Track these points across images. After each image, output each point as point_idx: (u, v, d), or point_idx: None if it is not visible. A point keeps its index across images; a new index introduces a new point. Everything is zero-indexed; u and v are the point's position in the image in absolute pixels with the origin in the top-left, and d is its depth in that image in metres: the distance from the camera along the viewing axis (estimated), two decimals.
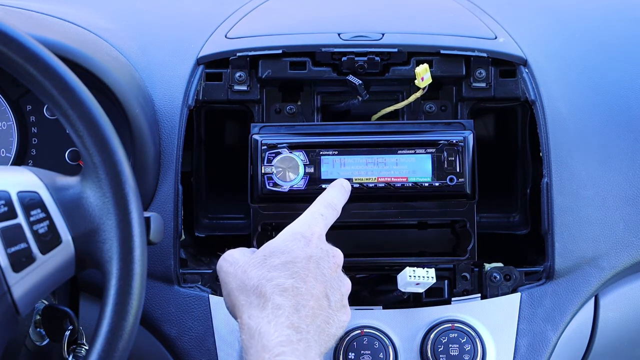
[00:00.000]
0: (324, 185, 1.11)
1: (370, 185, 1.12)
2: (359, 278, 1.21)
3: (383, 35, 1.20)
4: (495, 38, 1.23)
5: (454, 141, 1.12)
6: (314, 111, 1.23)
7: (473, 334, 1.12)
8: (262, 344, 0.88)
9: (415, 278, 1.09)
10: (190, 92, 1.17)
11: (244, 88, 1.19)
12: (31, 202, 0.81)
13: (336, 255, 1.00)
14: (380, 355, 1.11)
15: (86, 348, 1.06)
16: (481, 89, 1.19)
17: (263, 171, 1.11)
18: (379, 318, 1.13)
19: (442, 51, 1.17)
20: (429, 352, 1.11)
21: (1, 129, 1.17)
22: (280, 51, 1.17)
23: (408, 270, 1.09)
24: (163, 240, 1.07)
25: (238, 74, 1.18)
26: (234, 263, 0.98)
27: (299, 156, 1.12)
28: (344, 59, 1.17)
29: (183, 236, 1.17)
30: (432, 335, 1.11)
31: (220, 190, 1.28)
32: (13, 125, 1.17)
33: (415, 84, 1.15)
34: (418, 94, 1.17)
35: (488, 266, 1.17)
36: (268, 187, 1.11)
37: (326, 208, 1.03)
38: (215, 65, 1.19)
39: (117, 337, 0.79)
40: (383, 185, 1.12)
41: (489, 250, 1.20)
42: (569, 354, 1.17)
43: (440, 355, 1.11)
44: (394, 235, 1.19)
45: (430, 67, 1.16)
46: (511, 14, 1.33)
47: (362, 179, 1.12)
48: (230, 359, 1.11)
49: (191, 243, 1.23)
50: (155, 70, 1.19)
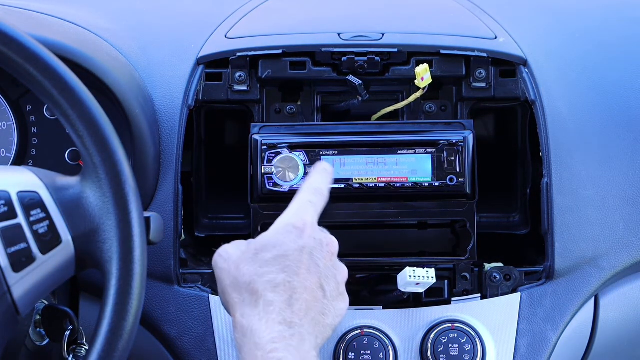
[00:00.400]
0: None
1: (370, 185, 1.12)
2: (359, 278, 1.22)
3: (383, 35, 1.20)
4: (495, 38, 1.23)
5: (454, 141, 1.12)
6: (314, 111, 1.23)
7: (473, 334, 1.12)
8: (255, 342, 0.88)
9: (415, 278, 1.09)
10: (190, 92, 1.17)
11: (244, 88, 1.19)
12: (31, 202, 0.81)
13: (330, 244, 0.99)
14: (380, 355, 1.11)
15: (86, 348, 1.06)
16: (481, 89, 1.19)
17: (263, 171, 1.11)
18: (379, 318, 1.13)
19: (442, 51, 1.17)
20: (429, 352, 1.11)
21: (1, 129, 1.17)
22: (280, 51, 1.17)
23: (408, 270, 1.09)
24: (163, 240, 1.07)
25: (238, 74, 1.18)
26: (228, 259, 0.97)
27: (299, 156, 1.12)
28: (344, 59, 1.17)
29: (183, 236, 1.17)
30: (432, 335, 1.11)
31: (220, 190, 1.28)
32: (13, 125, 1.17)
33: (415, 84, 1.15)
34: (418, 94, 1.17)
35: (488, 266, 1.17)
36: (268, 187, 1.11)
37: (314, 194, 1.01)
38: (215, 65, 1.19)
39: (117, 337, 0.79)
40: (383, 185, 1.12)
41: (489, 250, 1.20)
42: (569, 354, 1.17)
43: (440, 355, 1.11)
44: (394, 235, 1.19)
45: (430, 67, 1.16)
46: (511, 14, 1.33)
47: (362, 179, 1.12)
48: (230, 359, 1.11)
49: (191, 243, 1.23)
50: (155, 70, 1.19)
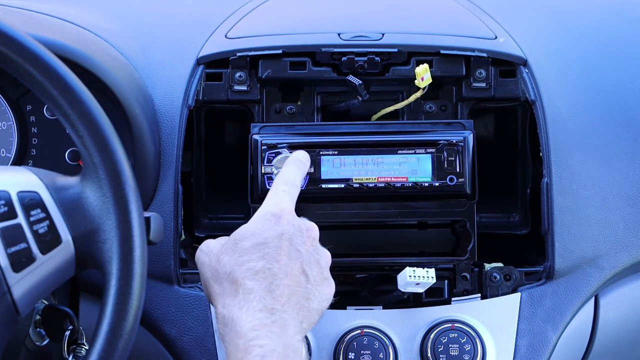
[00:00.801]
0: (324, 185, 1.11)
1: (370, 185, 1.12)
2: (359, 278, 1.22)
3: (383, 35, 1.20)
4: (495, 38, 1.23)
5: (454, 141, 1.12)
6: (314, 111, 1.23)
7: (473, 334, 1.12)
8: (236, 331, 0.88)
9: (415, 278, 1.09)
10: (190, 92, 1.17)
11: (244, 88, 1.19)
12: (31, 202, 0.81)
13: (310, 229, 0.99)
14: (380, 355, 1.11)
15: (86, 348, 1.06)
16: (481, 89, 1.19)
17: (263, 171, 1.12)
18: (379, 318, 1.13)
19: (442, 51, 1.17)
20: (429, 352, 1.11)
21: (1, 129, 1.17)
22: (280, 51, 1.17)
23: (408, 270, 1.09)
24: (163, 240, 1.07)
25: (238, 74, 1.18)
26: (209, 252, 0.97)
27: None
28: (344, 59, 1.17)
29: (183, 236, 1.17)
30: (432, 335, 1.11)
31: (220, 190, 1.28)
32: (13, 125, 1.17)
33: (415, 84, 1.15)
34: (418, 94, 1.17)
35: (488, 266, 1.17)
36: (268, 187, 1.11)
37: (285, 185, 1.03)
38: (215, 65, 1.19)
39: (117, 337, 0.79)
40: (383, 185, 1.12)
41: (489, 250, 1.20)
42: (569, 354, 1.17)
43: (440, 355, 1.11)
44: (394, 235, 1.19)
45: (430, 67, 1.16)
46: (511, 14, 1.33)
47: (362, 179, 1.12)
48: None
49: (191, 243, 1.23)
50: (155, 70, 1.19)
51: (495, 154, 1.27)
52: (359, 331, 1.12)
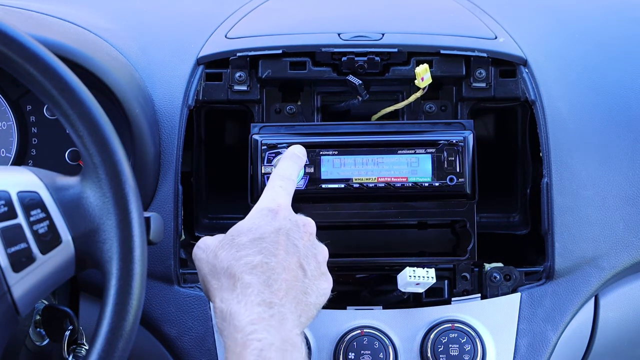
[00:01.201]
0: (324, 185, 1.11)
1: (370, 185, 1.12)
2: (359, 278, 1.22)
3: (383, 35, 1.20)
4: (495, 38, 1.23)
5: (454, 141, 1.12)
6: (314, 111, 1.23)
7: (473, 334, 1.12)
8: (234, 325, 0.88)
9: (415, 278, 1.09)
10: (190, 92, 1.17)
11: (244, 88, 1.19)
12: (31, 202, 0.81)
13: (307, 224, 0.99)
14: (380, 355, 1.11)
15: (86, 348, 1.06)
16: (481, 89, 1.19)
17: (263, 171, 1.11)
18: (379, 318, 1.13)
19: (442, 51, 1.17)
20: (429, 352, 1.11)
21: (1, 129, 1.17)
22: (280, 51, 1.17)
23: (408, 270, 1.09)
24: (163, 240, 1.07)
25: (238, 74, 1.18)
26: (206, 249, 0.98)
27: None
28: (344, 59, 1.17)
29: (183, 236, 1.17)
30: (432, 335, 1.11)
31: (220, 190, 1.28)
32: (13, 125, 1.17)
33: (415, 84, 1.15)
34: (418, 94, 1.17)
35: (488, 266, 1.17)
36: None
37: (282, 180, 1.03)
38: (215, 65, 1.19)
39: (117, 337, 0.79)
40: (383, 185, 1.12)
41: (489, 250, 1.20)
42: (569, 354, 1.17)
43: (440, 355, 1.11)
44: (394, 235, 1.19)
45: (430, 67, 1.16)
46: (511, 14, 1.33)
47: (362, 179, 1.12)
48: None
49: (191, 243, 1.23)
50: (155, 70, 1.19)
51: (495, 154, 1.27)
52: (359, 331, 1.12)
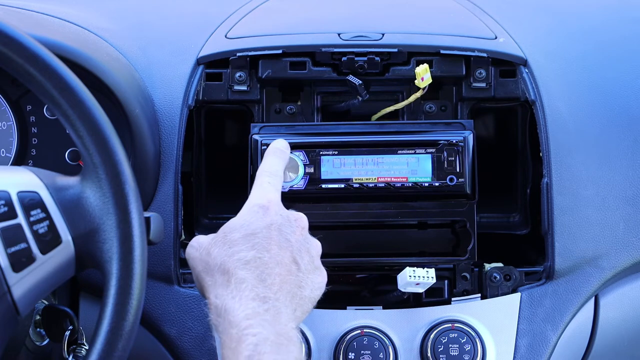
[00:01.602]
0: (324, 186, 1.11)
1: (370, 185, 1.12)
2: (359, 278, 1.22)
3: (383, 35, 1.20)
4: (495, 38, 1.23)
5: (454, 141, 1.12)
6: (314, 111, 1.23)
7: (473, 334, 1.12)
8: (229, 320, 0.88)
9: (415, 278, 1.09)
10: (190, 92, 1.17)
11: (244, 88, 1.19)
12: (31, 202, 0.81)
13: (299, 219, 1.00)
14: (380, 355, 1.11)
15: (86, 348, 1.06)
16: (481, 89, 1.19)
17: None
18: (379, 318, 1.13)
19: (442, 51, 1.17)
20: (429, 352, 1.11)
21: (1, 129, 1.17)
22: (280, 51, 1.17)
23: (408, 270, 1.09)
24: (163, 240, 1.07)
25: (238, 74, 1.18)
26: (199, 247, 0.98)
27: (299, 156, 1.12)
28: (344, 59, 1.17)
29: (183, 236, 1.17)
30: (432, 335, 1.11)
31: (220, 190, 1.28)
32: (13, 125, 1.17)
33: (415, 84, 1.15)
34: (418, 94, 1.17)
35: (488, 266, 1.17)
36: None
37: (269, 176, 1.03)
38: (215, 65, 1.19)
39: (117, 337, 0.79)
40: (383, 185, 1.12)
41: (489, 250, 1.20)
42: (569, 354, 1.17)
43: (440, 355, 1.11)
44: (394, 235, 1.19)
45: (430, 67, 1.16)
46: (511, 14, 1.33)
47: (362, 179, 1.12)
48: None
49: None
50: (155, 70, 1.19)
51: (495, 154, 1.27)
52: (359, 331, 1.12)
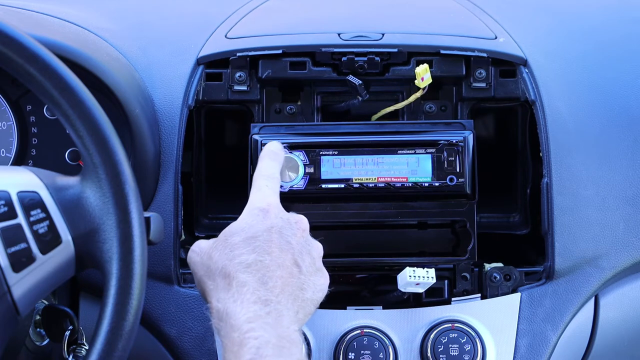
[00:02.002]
0: (324, 186, 1.11)
1: (370, 185, 1.12)
2: (359, 278, 1.22)
3: (383, 35, 1.20)
4: (495, 38, 1.23)
5: (454, 141, 1.12)
6: (314, 111, 1.23)
7: (473, 334, 1.12)
8: (231, 324, 0.88)
9: (415, 278, 1.09)
10: (190, 92, 1.17)
11: (244, 88, 1.19)
12: (31, 202, 0.81)
13: (299, 221, 1.00)
14: (380, 355, 1.11)
15: (86, 348, 1.06)
16: (481, 89, 1.19)
17: None
18: (379, 318, 1.13)
19: (442, 51, 1.17)
20: (429, 352, 1.11)
21: (1, 129, 1.17)
22: (280, 51, 1.17)
23: (408, 270, 1.09)
24: (163, 240, 1.07)
25: (238, 74, 1.18)
26: (200, 251, 0.98)
27: (299, 156, 1.12)
28: (344, 59, 1.17)
29: (183, 236, 1.17)
30: (432, 335, 1.11)
31: (220, 190, 1.28)
32: (13, 125, 1.17)
33: (415, 84, 1.15)
34: (418, 94, 1.17)
35: (488, 266, 1.17)
36: None
37: (266, 180, 1.03)
38: (215, 65, 1.19)
39: (117, 337, 0.79)
40: (383, 185, 1.12)
41: (489, 250, 1.20)
42: (569, 354, 1.17)
43: (440, 355, 1.11)
44: (394, 235, 1.19)
45: (430, 67, 1.16)
46: (511, 14, 1.33)
47: (362, 179, 1.12)
48: None
49: (191, 243, 1.23)
50: (155, 70, 1.19)
51: (495, 154, 1.27)
52: (359, 331, 1.12)
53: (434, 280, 1.10)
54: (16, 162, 1.17)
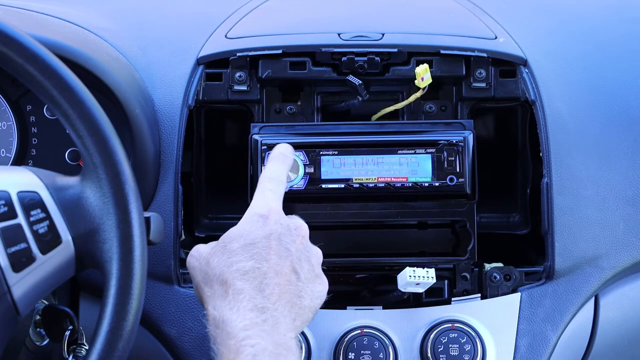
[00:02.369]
0: (324, 186, 1.11)
1: (370, 185, 1.12)
2: (359, 278, 1.22)
3: (383, 35, 1.20)
4: (495, 38, 1.23)
5: (454, 141, 1.12)
6: (314, 111, 1.23)
7: (473, 334, 1.12)
8: (227, 332, 0.87)
9: (415, 278, 1.09)
10: (190, 92, 1.17)
11: (244, 88, 1.19)
12: (31, 202, 0.81)
13: (299, 227, 0.99)
14: (380, 355, 1.11)
15: (86, 348, 1.06)
16: (481, 89, 1.19)
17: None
18: (379, 318, 1.13)
19: (442, 51, 1.17)
20: (429, 352, 1.11)
21: (1, 129, 1.17)
22: (280, 51, 1.17)
23: (408, 270, 1.09)
24: (163, 240, 1.07)
25: (238, 74, 1.18)
26: (199, 257, 0.97)
27: (299, 156, 1.12)
28: (344, 59, 1.17)
29: (183, 236, 1.17)
30: (432, 335, 1.11)
31: (220, 190, 1.28)
32: (13, 125, 1.17)
33: (415, 84, 1.15)
34: (418, 94, 1.17)
35: (488, 266, 1.17)
36: None
37: (271, 183, 1.03)
38: (215, 65, 1.19)
39: (117, 337, 0.79)
40: (383, 185, 1.12)
41: (489, 250, 1.20)
42: (569, 354, 1.17)
43: (440, 355, 1.11)
44: (394, 235, 1.19)
45: (430, 67, 1.16)
46: (511, 14, 1.33)
47: (362, 179, 1.12)
48: None
49: (191, 243, 1.23)
50: (155, 70, 1.19)
51: (495, 154, 1.27)
52: (359, 331, 1.12)
53: (434, 280, 1.10)
54: (16, 162, 1.17)
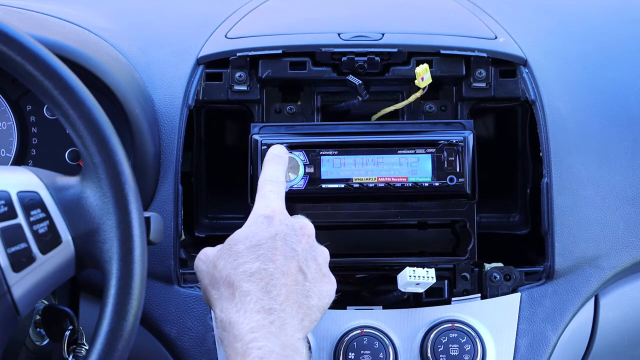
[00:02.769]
0: (324, 186, 1.11)
1: (370, 185, 1.12)
2: (359, 278, 1.22)
3: (383, 35, 1.20)
4: (495, 38, 1.23)
5: (454, 141, 1.12)
6: (314, 111, 1.23)
7: (473, 334, 1.12)
8: (234, 334, 0.88)
9: (415, 278, 1.09)
10: (190, 92, 1.17)
11: (244, 88, 1.19)
12: (31, 202, 0.81)
13: (304, 227, 0.99)
14: (380, 355, 1.11)
15: (86, 348, 1.06)
16: (481, 89, 1.19)
17: None
18: (379, 318, 1.13)
19: (442, 51, 1.17)
20: (429, 352, 1.11)
21: (1, 129, 1.17)
22: (280, 51, 1.17)
23: (408, 270, 1.09)
24: (163, 240, 1.07)
25: (238, 74, 1.18)
26: (206, 260, 0.98)
27: (299, 156, 1.12)
28: (344, 59, 1.17)
29: (183, 236, 1.17)
30: (432, 335, 1.11)
31: (220, 190, 1.28)
32: (13, 125, 1.17)
33: (415, 84, 1.15)
34: (418, 94, 1.17)
35: (488, 266, 1.17)
36: None
37: (271, 184, 1.03)
38: (215, 65, 1.19)
39: (117, 337, 0.79)
40: (383, 185, 1.12)
41: (489, 250, 1.20)
42: (569, 354, 1.17)
43: (440, 355, 1.11)
44: (394, 235, 1.19)
45: (430, 67, 1.16)
46: (511, 14, 1.33)
47: (362, 179, 1.12)
48: None
49: (191, 243, 1.23)
50: (155, 70, 1.19)
51: (495, 154, 1.27)
52: (359, 331, 1.12)
53: (434, 280, 1.10)
54: (16, 162, 1.17)
